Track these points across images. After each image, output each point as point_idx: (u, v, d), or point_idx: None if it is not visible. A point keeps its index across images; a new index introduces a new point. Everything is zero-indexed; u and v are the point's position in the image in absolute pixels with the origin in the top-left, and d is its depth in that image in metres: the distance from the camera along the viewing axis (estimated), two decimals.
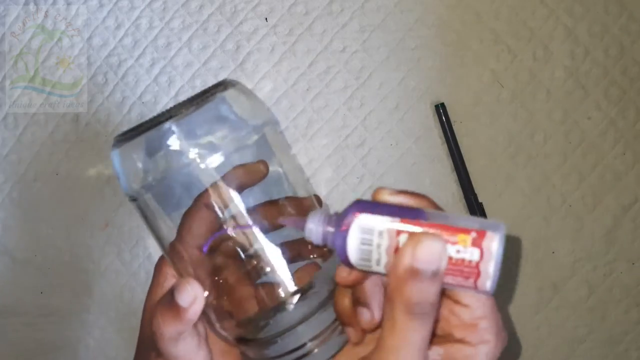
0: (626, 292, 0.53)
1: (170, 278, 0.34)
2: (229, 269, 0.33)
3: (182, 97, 0.57)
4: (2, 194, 0.60)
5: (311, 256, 0.35)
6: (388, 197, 0.29)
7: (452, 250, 0.26)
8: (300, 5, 0.56)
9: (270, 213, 0.33)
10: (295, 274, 0.33)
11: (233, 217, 0.32)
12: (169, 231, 0.33)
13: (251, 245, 0.32)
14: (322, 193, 0.56)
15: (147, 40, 0.58)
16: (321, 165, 0.56)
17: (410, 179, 0.55)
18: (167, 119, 0.30)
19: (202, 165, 0.30)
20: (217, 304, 0.32)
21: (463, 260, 0.26)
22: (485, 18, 0.54)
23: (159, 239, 0.33)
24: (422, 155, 0.55)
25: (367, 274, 0.28)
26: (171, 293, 0.30)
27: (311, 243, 0.32)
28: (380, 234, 0.27)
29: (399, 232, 0.26)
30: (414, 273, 0.25)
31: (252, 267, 0.32)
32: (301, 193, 0.35)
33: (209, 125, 0.32)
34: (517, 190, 0.54)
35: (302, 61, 0.56)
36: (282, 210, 0.34)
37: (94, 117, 0.58)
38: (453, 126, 0.54)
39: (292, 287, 0.32)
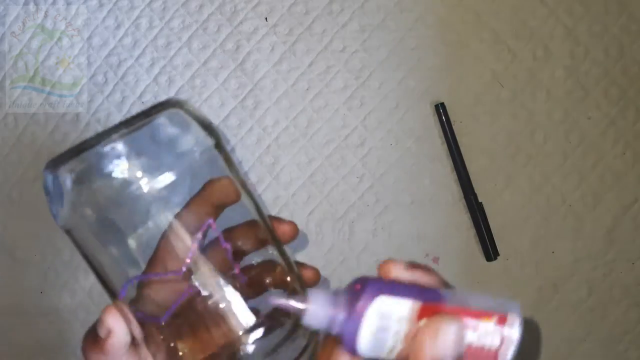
0: (626, 292, 0.53)
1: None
2: (185, 308, 0.31)
3: (182, 97, 0.57)
4: (2, 194, 0.60)
5: (269, 289, 0.32)
6: (402, 274, 0.26)
7: (473, 337, 0.24)
8: (300, 5, 0.56)
9: (229, 240, 0.31)
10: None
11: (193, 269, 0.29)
12: (111, 263, 0.30)
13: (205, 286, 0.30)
14: (321, 193, 0.56)
15: (147, 40, 0.58)
16: (321, 165, 0.56)
17: (410, 178, 0.55)
18: (107, 139, 0.28)
19: (146, 188, 0.28)
20: (172, 347, 0.30)
21: (483, 347, 0.24)
22: (485, 18, 0.54)
23: (99, 272, 0.30)
24: (422, 155, 0.55)
25: None
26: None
27: (274, 276, 0.29)
28: (400, 319, 0.24)
29: (420, 318, 0.24)
30: None
31: (206, 307, 0.30)
32: (255, 216, 0.32)
33: (151, 146, 0.29)
34: (517, 190, 0.54)
35: (302, 61, 0.56)
36: (242, 238, 0.32)
37: (94, 117, 0.58)
38: (453, 126, 0.54)
39: (246, 322, 0.29)
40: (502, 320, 0.24)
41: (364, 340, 0.24)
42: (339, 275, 0.56)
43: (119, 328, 0.29)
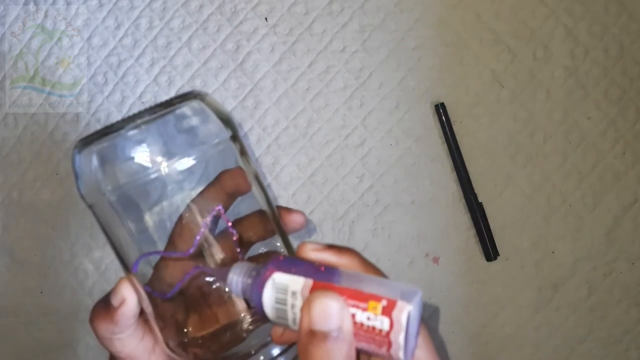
0: (626, 292, 0.53)
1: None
2: (193, 288, 0.33)
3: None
4: (2, 194, 0.60)
5: None
6: (311, 254, 0.28)
7: (363, 317, 0.25)
8: (300, 5, 0.56)
9: (239, 230, 0.33)
10: None
11: (207, 246, 0.32)
12: (127, 240, 0.32)
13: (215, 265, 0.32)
14: (321, 193, 0.56)
15: (147, 40, 0.58)
16: (321, 165, 0.56)
17: (410, 179, 0.55)
18: (132, 124, 0.30)
19: (165, 171, 0.30)
20: (178, 322, 0.32)
21: (374, 328, 0.25)
22: (485, 18, 0.54)
23: (116, 247, 0.33)
24: (422, 155, 0.55)
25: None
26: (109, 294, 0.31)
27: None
28: (294, 294, 0.26)
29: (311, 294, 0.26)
30: (313, 335, 0.25)
31: (211, 288, 0.32)
32: (265, 207, 0.34)
33: (172, 133, 0.31)
34: (517, 190, 0.54)
35: (302, 61, 0.56)
36: (250, 228, 0.34)
37: (94, 117, 0.58)
38: (453, 126, 0.54)
39: (243, 305, 0.31)
40: (391, 306, 0.25)
41: (269, 310, 0.27)
42: None
43: (131, 298, 0.31)
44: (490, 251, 0.54)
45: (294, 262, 0.28)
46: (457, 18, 0.54)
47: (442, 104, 0.54)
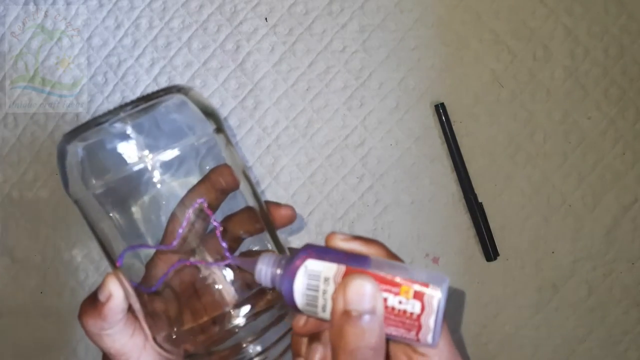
0: (626, 292, 0.53)
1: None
2: (181, 282, 0.33)
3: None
4: (2, 194, 0.60)
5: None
6: (340, 243, 0.29)
7: (394, 301, 0.26)
8: (300, 5, 0.56)
9: (228, 227, 0.33)
10: (254, 296, 0.32)
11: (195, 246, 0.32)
12: (114, 234, 0.32)
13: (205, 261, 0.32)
14: (321, 193, 0.56)
15: (147, 40, 0.58)
16: (321, 165, 0.56)
17: (410, 179, 0.55)
18: (116, 117, 0.30)
19: (149, 163, 0.30)
20: (166, 315, 0.32)
21: (405, 311, 0.26)
22: (485, 18, 0.54)
23: (103, 242, 0.32)
24: (422, 155, 0.55)
25: (322, 323, 0.28)
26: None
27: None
28: (326, 280, 0.27)
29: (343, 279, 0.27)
30: (348, 315, 0.25)
31: (198, 281, 0.32)
32: (251, 203, 0.34)
33: (155, 125, 0.31)
34: (517, 190, 0.54)
35: (302, 61, 0.56)
36: (239, 224, 0.34)
37: None
38: (453, 126, 0.54)
39: (232, 298, 0.31)
40: (422, 290, 0.26)
41: (299, 297, 0.27)
42: None
43: (118, 293, 0.31)
44: (490, 251, 0.54)
45: (325, 251, 0.28)
46: (457, 18, 0.54)
47: (442, 104, 0.54)
